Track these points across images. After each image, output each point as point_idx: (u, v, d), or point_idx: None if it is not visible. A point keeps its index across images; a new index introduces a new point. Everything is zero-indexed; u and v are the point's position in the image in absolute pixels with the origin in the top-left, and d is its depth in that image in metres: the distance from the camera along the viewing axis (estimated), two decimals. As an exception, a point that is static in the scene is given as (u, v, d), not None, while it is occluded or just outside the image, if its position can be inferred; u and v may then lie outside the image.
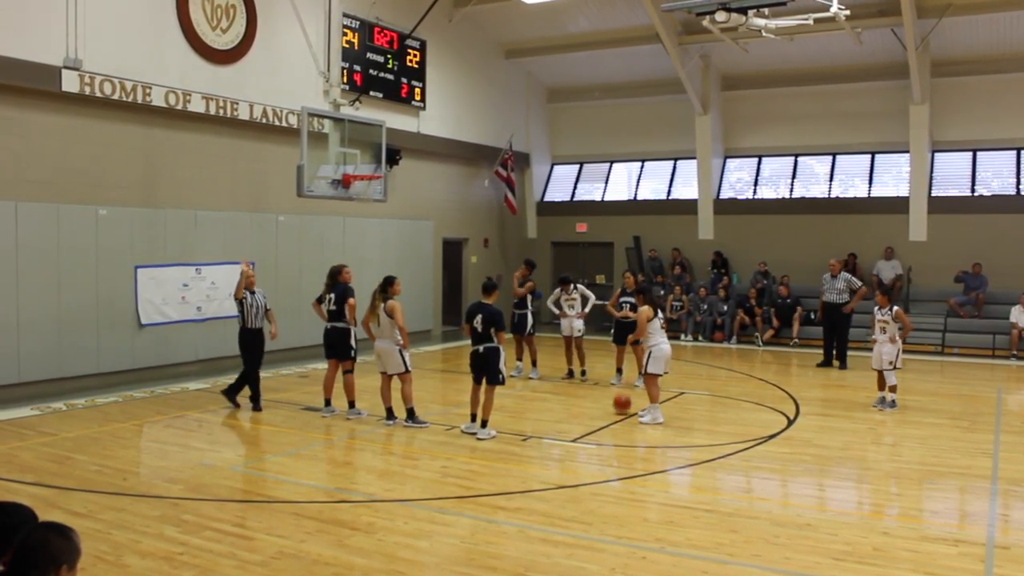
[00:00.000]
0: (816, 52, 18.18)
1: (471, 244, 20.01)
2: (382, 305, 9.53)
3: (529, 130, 21.45)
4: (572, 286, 13.00)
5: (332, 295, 10.20)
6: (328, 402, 10.33)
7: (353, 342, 10.24)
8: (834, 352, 14.67)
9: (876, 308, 11.15)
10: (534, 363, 13.21)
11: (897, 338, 10.75)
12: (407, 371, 9.63)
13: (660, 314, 10.09)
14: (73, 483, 7.22)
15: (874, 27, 16.56)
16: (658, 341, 9.96)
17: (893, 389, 10.83)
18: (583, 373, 13.04)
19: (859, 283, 14.84)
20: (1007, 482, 7.54)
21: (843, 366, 14.40)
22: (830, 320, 14.73)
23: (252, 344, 10.43)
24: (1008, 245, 17.10)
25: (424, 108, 17.48)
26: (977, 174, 18.24)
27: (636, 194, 21.54)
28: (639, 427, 9.70)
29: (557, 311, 13.07)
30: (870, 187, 19.20)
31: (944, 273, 17.41)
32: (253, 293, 10.41)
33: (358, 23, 15.78)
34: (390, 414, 9.73)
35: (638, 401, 10.72)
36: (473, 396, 9.31)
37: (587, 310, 12.87)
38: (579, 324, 12.79)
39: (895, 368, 10.73)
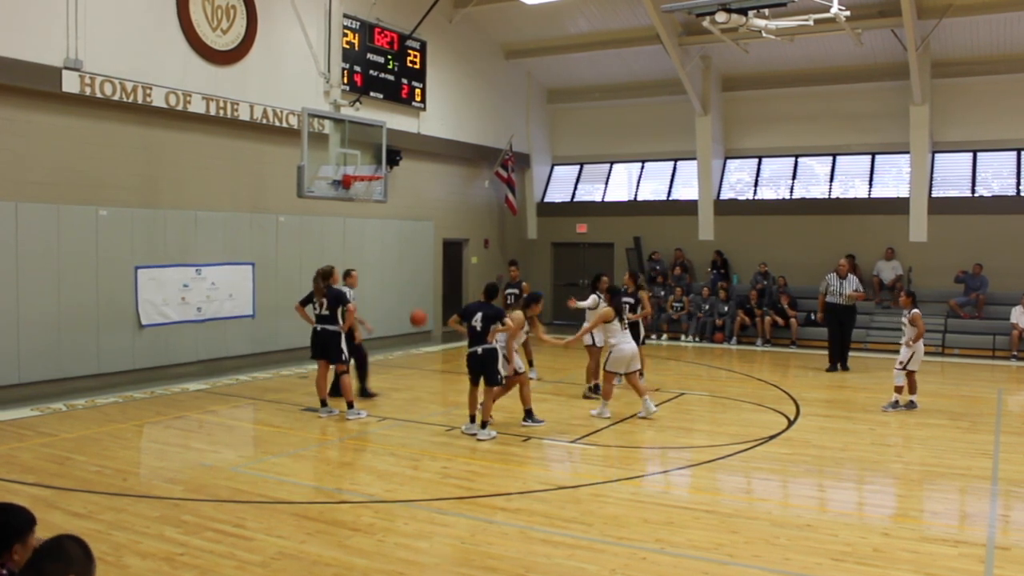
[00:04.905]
0: (816, 53, 18.19)
1: (471, 245, 20.01)
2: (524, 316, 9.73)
3: (529, 131, 21.45)
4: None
5: (324, 299, 10.13)
6: (324, 403, 10.32)
7: (344, 345, 10.19)
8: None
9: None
10: (531, 364, 13.17)
11: (911, 343, 10.64)
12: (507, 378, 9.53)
13: (619, 316, 10.14)
14: (73, 484, 7.21)
15: (874, 28, 16.56)
16: (619, 341, 10.09)
17: (898, 390, 10.82)
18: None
19: (862, 289, 14.78)
20: (1007, 483, 7.53)
21: (844, 367, 14.37)
22: (839, 322, 14.39)
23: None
24: (1008, 246, 17.09)
25: (424, 109, 17.48)
26: (977, 175, 18.24)
27: (636, 195, 21.53)
28: (639, 428, 9.70)
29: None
30: (870, 188, 19.20)
31: (944, 274, 17.41)
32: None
33: (358, 24, 15.78)
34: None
35: (635, 404, 10.71)
36: (471, 397, 9.33)
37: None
38: None
39: (904, 369, 10.70)
